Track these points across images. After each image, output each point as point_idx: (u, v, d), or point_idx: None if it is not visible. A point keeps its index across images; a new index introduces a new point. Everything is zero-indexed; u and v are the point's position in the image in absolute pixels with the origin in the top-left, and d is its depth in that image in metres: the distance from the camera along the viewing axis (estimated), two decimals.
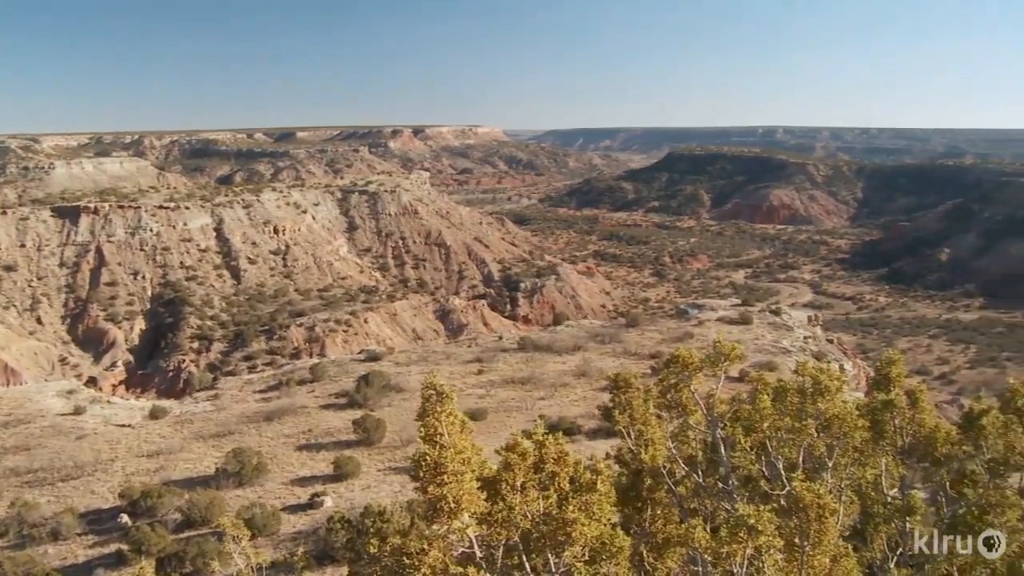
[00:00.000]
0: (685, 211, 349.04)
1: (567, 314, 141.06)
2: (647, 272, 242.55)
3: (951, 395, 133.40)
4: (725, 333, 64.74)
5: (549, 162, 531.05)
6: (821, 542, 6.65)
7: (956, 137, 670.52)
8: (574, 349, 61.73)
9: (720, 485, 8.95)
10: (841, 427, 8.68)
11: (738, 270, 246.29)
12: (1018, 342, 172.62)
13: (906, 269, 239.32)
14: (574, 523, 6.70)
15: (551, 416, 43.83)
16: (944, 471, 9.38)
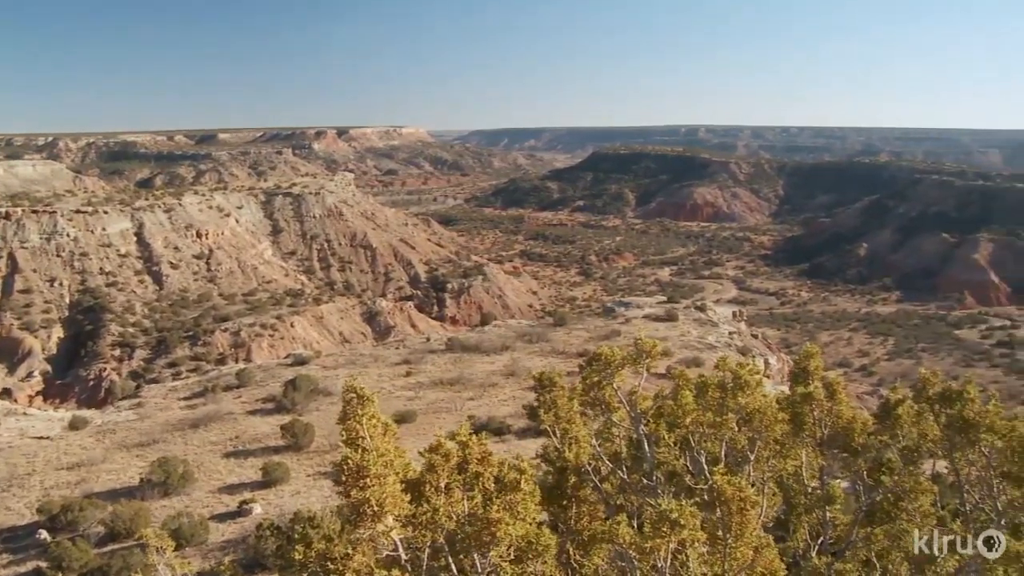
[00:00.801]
0: (610, 210, 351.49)
1: (494, 314, 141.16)
2: (573, 271, 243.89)
3: (872, 386, 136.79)
4: (651, 330, 65.73)
5: (474, 162, 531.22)
6: (743, 534, 6.74)
7: (872, 135, 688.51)
8: (502, 349, 61.66)
9: (644, 481, 9.01)
10: (762, 420, 8.81)
11: (663, 268, 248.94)
12: (933, 333, 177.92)
13: (826, 264, 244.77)
14: (498, 523, 6.68)
15: (481, 416, 43.72)
16: (861, 460, 9.59)
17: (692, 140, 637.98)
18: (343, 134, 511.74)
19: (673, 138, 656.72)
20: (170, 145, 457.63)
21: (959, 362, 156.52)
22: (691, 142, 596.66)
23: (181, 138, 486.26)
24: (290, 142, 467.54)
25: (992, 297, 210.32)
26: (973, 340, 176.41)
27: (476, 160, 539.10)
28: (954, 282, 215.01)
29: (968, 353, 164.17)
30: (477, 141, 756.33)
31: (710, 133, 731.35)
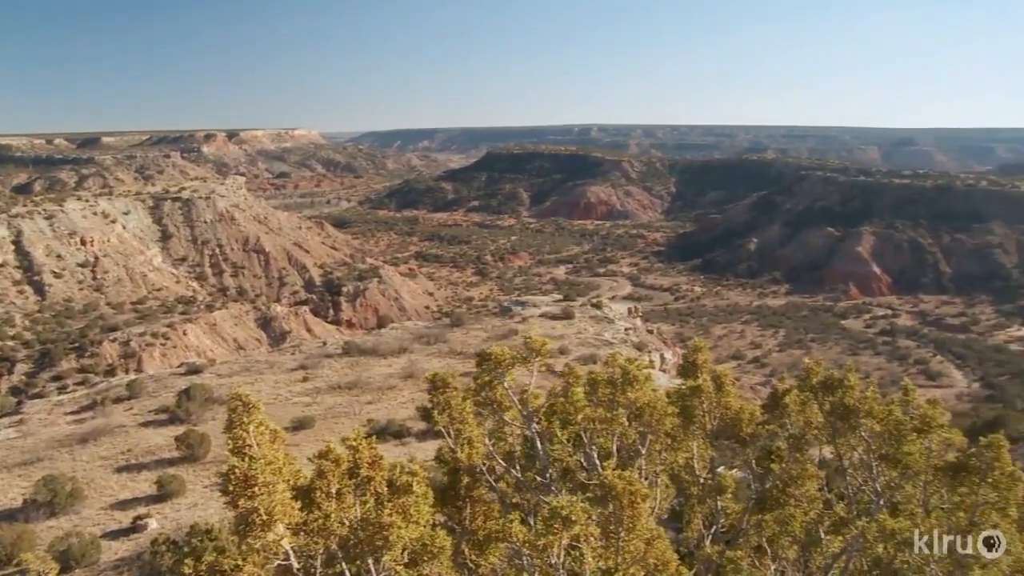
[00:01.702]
0: (505, 210, 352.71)
1: (391, 316, 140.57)
2: (469, 271, 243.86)
3: (764, 377, 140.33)
4: (549, 328, 66.20)
5: (368, 164, 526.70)
6: (635, 527, 6.82)
7: (760, 133, 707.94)
8: (399, 351, 61.38)
9: (538, 479, 9.06)
10: (652, 415, 8.94)
11: (559, 266, 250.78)
12: (821, 324, 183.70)
13: (718, 259, 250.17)
14: (391, 526, 6.63)
15: (380, 420, 43.46)
16: (750, 450, 9.82)
17: (585, 139, 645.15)
18: (233, 137, 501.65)
19: (566, 137, 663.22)
20: (49, 149, 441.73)
21: (846, 351, 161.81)
22: (584, 141, 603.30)
23: (61, 141, 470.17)
24: (178, 145, 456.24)
25: (874, 287, 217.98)
26: (858, 329, 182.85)
27: (369, 162, 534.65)
28: (839, 274, 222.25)
29: (854, 342, 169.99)
30: (370, 143, 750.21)
31: (603, 132, 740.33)
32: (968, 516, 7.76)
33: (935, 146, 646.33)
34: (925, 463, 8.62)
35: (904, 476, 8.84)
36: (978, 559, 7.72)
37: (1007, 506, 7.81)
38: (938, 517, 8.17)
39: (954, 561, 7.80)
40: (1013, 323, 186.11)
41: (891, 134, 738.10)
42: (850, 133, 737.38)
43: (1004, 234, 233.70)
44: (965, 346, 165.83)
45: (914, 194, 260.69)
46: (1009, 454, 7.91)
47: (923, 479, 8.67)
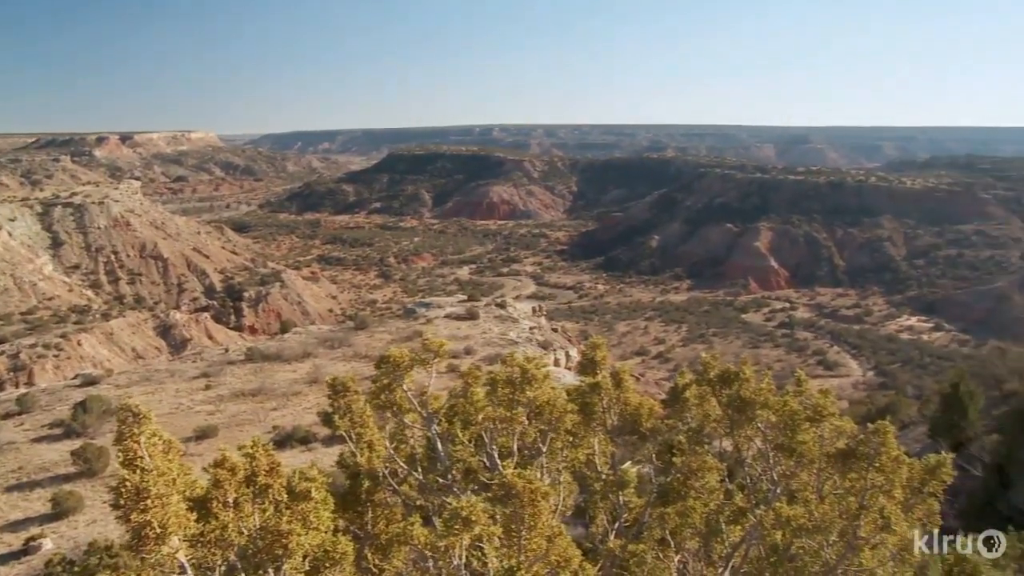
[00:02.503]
0: (407, 211, 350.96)
1: (294, 321, 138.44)
2: (373, 274, 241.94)
3: (668, 372, 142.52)
4: (454, 329, 66.20)
5: (267, 167, 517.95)
6: (536, 525, 6.85)
7: (659, 132, 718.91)
8: (304, 356, 60.80)
9: (441, 480, 9.04)
10: (552, 413, 8.99)
11: (463, 267, 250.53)
12: (722, 318, 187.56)
13: (621, 257, 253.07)
14: (290, 534, 6.53)
15: (286, 426, 43.02)
16: (650, 444, 9.95)
17: (487, 139, 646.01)
18: (127, 140, 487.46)
19: (468, 138, 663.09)
20: None
21: (747, 344, 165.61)
22: (486, 141, 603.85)
23: None
24: (68, 149, 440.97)
25: (773, 282, 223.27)
26: (758, 323, 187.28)
27: (269, 164, 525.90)
28: (739, 269, 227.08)
29: (754, 335, 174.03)
30: (270, 145, 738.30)
31: (504, 132, 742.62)
32: (858, 500, 8.00)
33: (827, 144, 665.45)
34: (818, 451, 8.86)
35: (799, 465, 9.08)
36: (867, 541, 7.95)
37: (893, 488, 8.10)
38: (831, 502, 8.40)
39: (846, 543, 8.03)
40: (903, 313, 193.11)
41: (786, 132, 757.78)
42: (747, 131, 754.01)
43: (893, 228, 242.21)
44: (860, 336, 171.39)
45: (809, 190, 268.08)
46: (895, 439, 8.18)
47: (816, 467, 8.91)
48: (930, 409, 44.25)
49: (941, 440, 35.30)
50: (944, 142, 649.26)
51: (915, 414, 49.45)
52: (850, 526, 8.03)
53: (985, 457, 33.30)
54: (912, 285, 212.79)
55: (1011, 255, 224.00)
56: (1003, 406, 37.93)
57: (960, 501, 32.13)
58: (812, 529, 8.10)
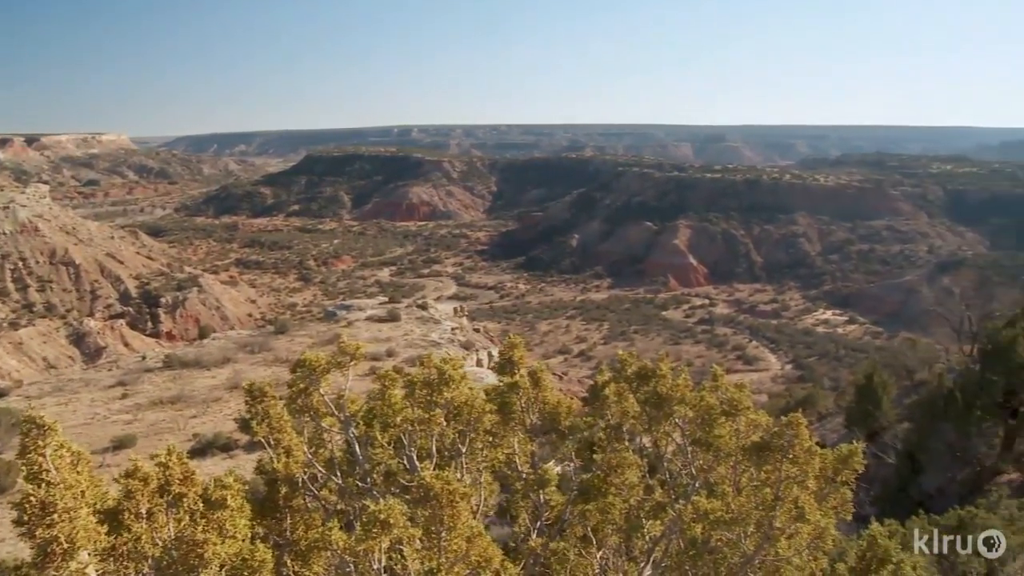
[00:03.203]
0: (326, 213, 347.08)
1: (213, 326, 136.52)
2: (292, 277, 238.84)
3: (591, 370, 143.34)
4: (375, 331, 65.77)
5: (183, 169, 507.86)
6: (455, 526, 6.83)
7: (577, 132, 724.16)
8: (224, 362, 59.83)
9: (360, 484, 8.97)
10: (470, 413, 8.99)
11: (383, 268, 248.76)
12: (643, 316, 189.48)
13: (542, 256, 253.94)
14: (205, 543, 6.41)
15: (206, 433, 42.28)
16: (569, 442, 10.00)
17: (405, 140, 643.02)
18: (33, 142, 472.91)
19: (387, 139, 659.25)
20: None
21: (668, 341, 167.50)
22: (404, 142, 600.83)
23: None
24: None
25: (692, 278, 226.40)
26: (678, 319, 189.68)
27: (185, 167, 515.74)
28: (658, 266, 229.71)
29: (675, 332, 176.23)
30: (185, 147, 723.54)
31: (423, 133, 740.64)
32: (773, 491, 8.15)
33: (743, 142, 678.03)
34: (734, 445, 9.00)
35: (716, 458, 9.22)
36: (783, 531, 8.10)
37: (806, 479, 8.27)
38: (748, 494, 8.54)
39: (763, 534, 8.17)
40: (819, 307, 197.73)
41: (702, 131, 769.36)
42: (664, 131, 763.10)
43: (807, 224, 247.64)
44: (777, 331, 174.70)
45: (725, 188, 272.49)
46: (807, 430, 8.35)
47: (733, 460, 9.06)
48: (846, 400, 45.34)
49: (857, 430, 36.17)
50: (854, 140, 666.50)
51: (832, 405, 50.61)
52: (766, 517, 8.17)
53: (898, 445, 34.20)
54: (827, 280, 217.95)
55: (919, 249, 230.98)
56: (914, 395, 39.00)
57: (875, 488, 32.97)
58: (729, 521, 8.22)
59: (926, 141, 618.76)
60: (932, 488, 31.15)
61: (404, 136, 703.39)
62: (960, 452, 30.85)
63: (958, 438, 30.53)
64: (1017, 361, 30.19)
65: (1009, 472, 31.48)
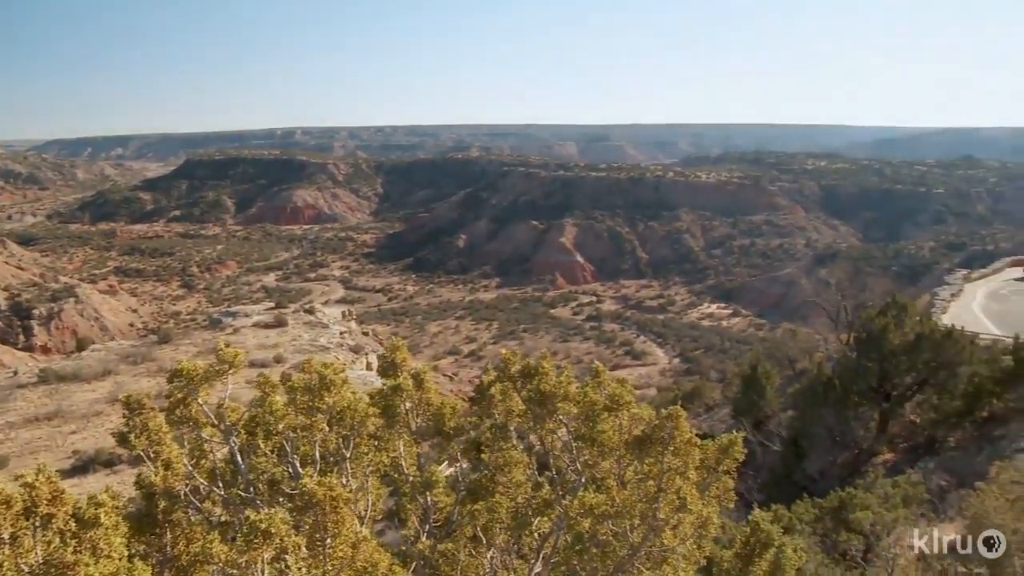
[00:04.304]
0: (209, 218, 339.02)
1: (92, 337, 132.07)
2: (175, 284, 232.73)
3: (481, 370, 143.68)
4: (262, 338, 64.82)
5: (54, 174, 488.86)
6: (340, 533, 6.75)
7: (462, 132, 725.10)
8: (104, 374, 58.06)
9: (243, 494, 8.79)
10: (353, 417, 8.91)
11: (268, 273, 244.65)
12: (531, 314, 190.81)
13: (429, 257, 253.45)
14: (76, 565, 6.17)
15: (87, 450, 41.03)
16: (455, 443, 10.01)
17: (289, 143, 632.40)
18: None
19: (270, 141, 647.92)
20: None
21: (557, 338, 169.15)
22: (288, 145, 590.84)
23: None
24: None
25: (579, 276, 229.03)
26: (567, 317, 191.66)
27: (56, 172, 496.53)
28: (546, 265, 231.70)
29: (564, 329, 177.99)
30: (56, 151, 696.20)
31: (307, 135, 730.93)
32: (656, 483, 8.29)
33: (626, 140, 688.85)
34: (618, 439, 9.12)
35: (601, 453, 9.32)
36: (667, 522, 8.26)
37: (687, 470, 8.44)
38: (632, 488, 8.68)
39: (647, 526, 8.30)
40: (703, 301, 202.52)
41: (587, 130, 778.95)
42: (549, 130, 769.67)
43: (691, 220, 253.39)
44: (664, 325, 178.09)
45: (610, 186, 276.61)
46: (687, 422, 8.52)
47: (617, 454, 9.18)
48: (732, 391, 46.58)
49: (743, 419, 37.21)
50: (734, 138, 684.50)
51: (719, 396, 51.97)
52: (650, 509, 8.31)
53: (782, 432, 35.31)
54: (711, 274, 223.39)
55: (797, 243, 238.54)
56: (796, 384, 40.28)
57: (762, 475, 33.95)
58: (614, 514, 8.33)
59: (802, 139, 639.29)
60: (815, 472, 32.24)
61: (288, 138, 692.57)
62: (840, 436, 32.02)
63: (837, 423, 31.68)
64: (889, 348, 31.47)
65: (884, 453, 32.83)
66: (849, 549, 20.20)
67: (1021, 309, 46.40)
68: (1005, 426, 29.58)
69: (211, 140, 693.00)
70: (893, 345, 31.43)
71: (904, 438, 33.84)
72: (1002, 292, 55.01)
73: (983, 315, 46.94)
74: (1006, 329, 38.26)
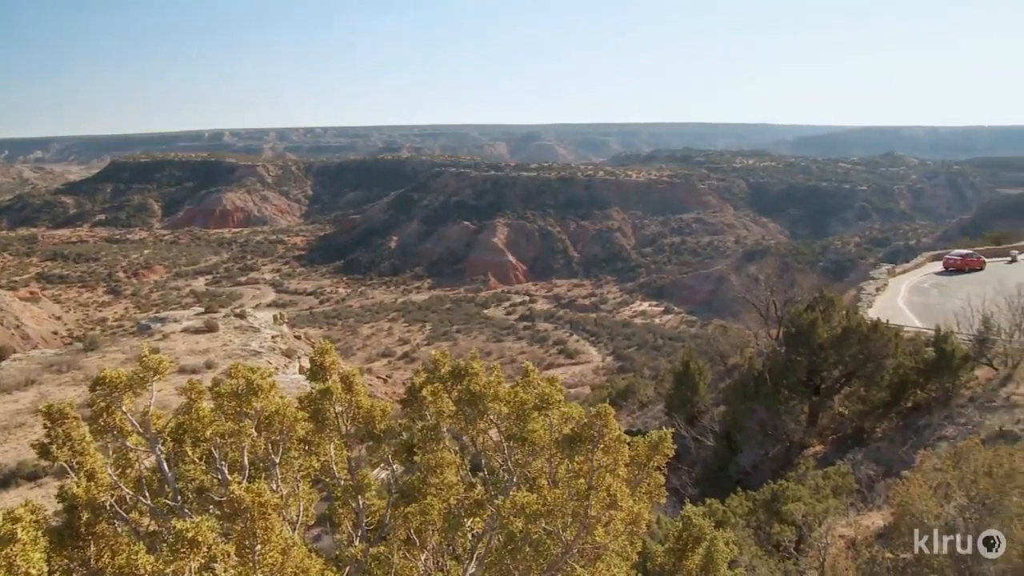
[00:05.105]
0: (135, 222, 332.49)
1: (13, 347, 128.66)
2: (101, 290, 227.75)
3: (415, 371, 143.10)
4: (192, 343, 63.79)
5: None
6: (270, 539, 6.67)
7: (393, 133, 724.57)
8: (27, 384, 56.51)
9: (171, 503, 8.63)
10: (282, 422, 8.80)
11: (198, 278, 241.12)
12: (464, 315, 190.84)
13: (361, 259, 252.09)
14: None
15: (8, 463, 39.97)
16: (386, 446, 9.96)
17: (217, 145, 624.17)
18: None
19: (197, 143, 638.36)
20: None
21: (490, 338, 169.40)
22: (216, 147, 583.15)
23: None
24: None
25: (511, 276, 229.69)
26: (500, 317, 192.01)
27: None
28: (478, 265, 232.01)
29: (497, 329, 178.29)
30: None
31: (235, 137, 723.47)
32: (587, 481, 8.34)
33: (557, 140, 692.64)
34: (548, 438, 9.16)
35: (532, 452, 9.35)
36: (598, 519, 8.31)
37: (617, 467, 8.51)
38: (563, 486, 8.72)
39: (579, 524, 8.35)
40: (635, 299, 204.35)
41: (517, 130, 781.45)
42: (479, 130, 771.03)
43: (621, 219, 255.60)
44: (597, 324, 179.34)
45: (541, 186, 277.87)
46: (616, 420, 8.58)
47: (548, 453, 9.21)
48: (665, 388, 47.07)
49: (677, 415, 37.59)
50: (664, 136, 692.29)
51: (653, 394, 52.38)
52: (581, 507, 8.35)
53: (716, 427, 35.76)
54: (642, 272, 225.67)
55: (727, 240, 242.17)
56: (728, 379, 40.91)
57: (697, 470, 34.35)
58: (546, 513, 8.37)
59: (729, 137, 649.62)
60: (748, 465, 32.74)
61: (216, 141, 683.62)
62: (771, 430, 32.53)
63: (769, 417, 32.19)
64: (818, 342, 32.07)
65: (815, 445, 33.45)
66: (782, 540, 20.57)
67: (942, 302, 47.54)
68: (929, 415, 30.36)
69: (136, 143, 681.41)
70: (821, 339, 32.05)
71: (833, 430, 34.53)
72: (924, 286, 56.34)
73: (907, 308, 48.00)
74: (928, 321, 39.19)
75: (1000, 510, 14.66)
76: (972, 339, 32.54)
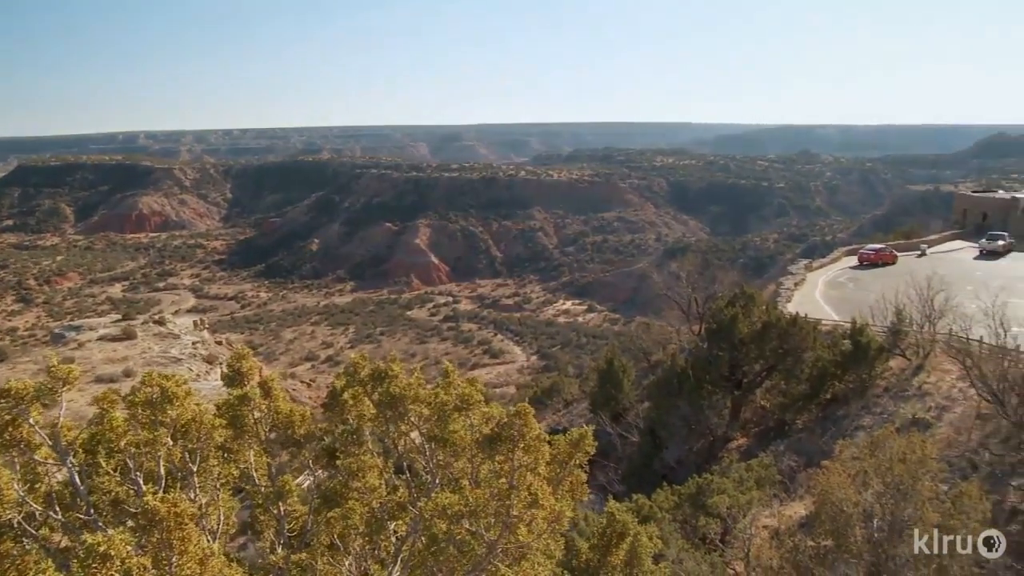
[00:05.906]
0: (46, 228, 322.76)
1: None
2: (10, 299, 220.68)
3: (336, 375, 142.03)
4: (110, 351, 62.33)
5: None
6: (186, 550, 6.55)
7: (313, 135, 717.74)
8: None
9: (83, 517, 8.41)
10: (199, 430, 8.65)
11: (114, 284, 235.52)
12: (388, 317, 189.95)
13: (282, 263, 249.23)
14: None
15: None
16: (306, 451, 9.87)
17: (132, 147, 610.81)
18: None
19: (111, 146, 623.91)
20: None
21: (414, 340, 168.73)
22: (131, 149, 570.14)
23: None
24: None
25: (435, 277, 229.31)
26: (424, 318, 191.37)
27: None
28: (401, 267, 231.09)
29: (421, 331, 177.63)
30: None
31: (151, 139, 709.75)
32: (508, 480, 8.36)
33: (478, 140, 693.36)
34: (469, 439, 9.16)
35: (453, 453, 9.34)
36: (520, 518, 8.33)
37: (537, 465, 8.54)
38: (485, 486, 8.72)
39: (502, 523, 8.36)
40: (559, 298, 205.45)
41: (438, 131, 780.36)
42: (401, 131, 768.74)
43: (544, 218, 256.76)
44: (521, 323, 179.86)
45: (463, 186, 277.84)
46: (535, 419, 8.60)
47: (469, 453, 9.21)
48: (590, 385, 47.41)
49: (602, 412, 37.91)
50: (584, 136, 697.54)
51: (577, 392, 52.69)
52: (503, 506, 8.36)
53: (640, 423, 36.12)
54: (565, 271, 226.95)
55: (648, 238, 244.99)
56: (651, 376, 41.31)
57: (623, 466, 34.68)
58: (468, 514, 8.37)
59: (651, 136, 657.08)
60: (673, 460, 33.18)
61: (130, 143, 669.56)
62: (695, 425, 33.01)
63: (692, 412, 32.64)
64: (739, 337, 32.60)
65: (738, 438, 34.04)
66: (708, 533, 20.89)
67: (857, 295, 48.67)
68: (847, 406, 31.13)
69: (45, 145, 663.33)
70: (742, 334, 32.60)
71: (756, 423, 35.19)
72: (840, 280, 57.63)
73: (824, 302, 49.07)
74: (845, 314, 40.11)
75: (913, 495, 15.08)
76: (886, 331, 33.40)
